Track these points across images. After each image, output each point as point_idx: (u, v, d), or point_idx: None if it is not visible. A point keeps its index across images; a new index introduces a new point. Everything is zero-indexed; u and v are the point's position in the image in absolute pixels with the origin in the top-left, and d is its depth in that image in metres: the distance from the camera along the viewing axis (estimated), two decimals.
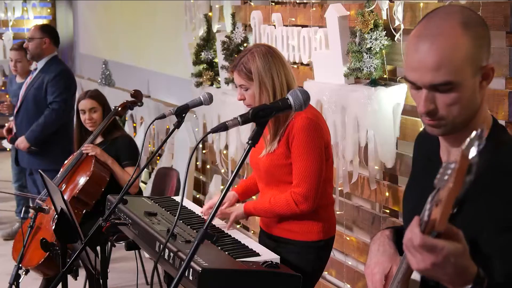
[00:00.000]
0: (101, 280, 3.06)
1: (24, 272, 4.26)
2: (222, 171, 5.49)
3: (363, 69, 3.66)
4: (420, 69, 1.58)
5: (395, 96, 3.62)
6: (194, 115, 5.89)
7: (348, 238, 4.18)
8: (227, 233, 3.14)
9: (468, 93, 1.58)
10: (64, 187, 4.52)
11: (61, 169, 4.69)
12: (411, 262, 1.38)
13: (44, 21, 10.30)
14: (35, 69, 5.82)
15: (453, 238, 1.35)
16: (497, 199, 1.54)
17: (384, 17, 3.64)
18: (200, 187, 6.21)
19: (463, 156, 1.27)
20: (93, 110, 4.65)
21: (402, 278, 1.57)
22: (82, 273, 3.65)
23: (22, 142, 5.56)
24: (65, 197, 3.57)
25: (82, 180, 4.48)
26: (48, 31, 5.86)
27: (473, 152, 1.27)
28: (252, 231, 5.19)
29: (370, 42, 3.60)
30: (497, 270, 1.50)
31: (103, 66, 7.95)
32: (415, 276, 1.56)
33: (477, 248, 1.53)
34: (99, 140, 4.69)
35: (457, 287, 1.40)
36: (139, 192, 4.94)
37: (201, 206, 3.50)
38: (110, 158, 4.57)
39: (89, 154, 4.54)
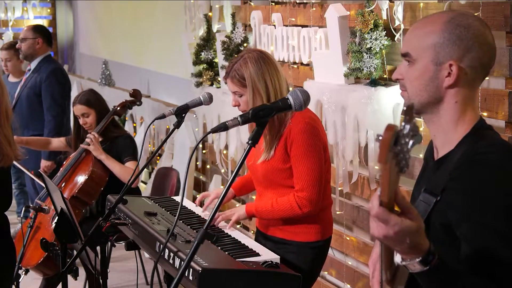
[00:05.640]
0: (101, 280, 3.06)
1: (24, 272, 4.26)
2: (222, 171, 5.49)
3: (363, 69, 3.66)
4: (403, 41, 1.89)
5: (395, 96, 3.62)
6: (194, 115, 5.89)
7: (348, 238, 4.18)
8: (227, 233, 3.14)
9: (425, 75, 1.79)
10: (63, 186, 4.52)
11: (61, 169, 4.69)
12: (370, 228, 1.50)
13: (44, 21, 10.30)
14: (29, 69, 5.82)
15: (409, 216, 1.47)
16: (460, 191, 1.68)
17: (384, 17, 3.64)
18: (200, 187, 6.21)
19: (387, 128, 1.36)
20: (85, 115, 4.63)
21: (384, 259, 1.63)
22: (82, 273, 3.65)
23: (45, 164, 5.53)
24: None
25: (81, 180, 4.48)
26: (41, 31, 5.86)
27: (401, 125, 1.36)
28: (252, 231, 5.19)
29: (370, 42, 3.60)
30: (465, 252, 1.65)
31: (103, 66, 7.95)
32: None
33: (453, 233, 1.68)
34: (99, 139, 4.68)
35: (407, 257, 1.54)
36: (138, 192, 4.94)
37: (201, 206, 3.50)
38: (104, 153, 4.54)
39: (83, 146, 4.53)
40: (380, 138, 1.36)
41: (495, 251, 1.60)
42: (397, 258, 1.59)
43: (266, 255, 2.88)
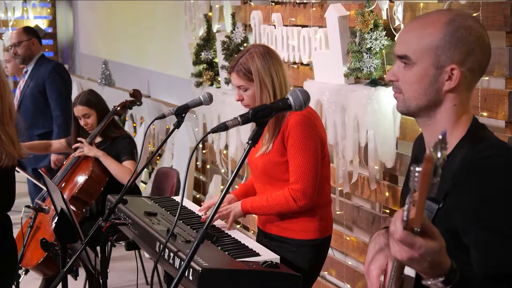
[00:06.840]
0: (101, 280, 3.06)
1: (24, 272, 4.26)
2: (222, 171, 5.49)
3: (363, 69, 3.66)
4: (397, 41, 1.82)
5: None
6: (194, 115, 5.89)
7: (348, 238, 4.18)
8: (227, 233, 3.14)
9: (425, 79, 1.74)
10: (63, 186, 4.52)
11: (61, 169, 4.69)
12: (392, 250, 1.47)
13: (44, 21, 10.30)
14: (26, 71, 5.83)
15: (430, 235, 1.44)
16: (467, 195, 1.65)
17: (384, 17, 3.64)
18: (200, 187, 6.21)
19: (427, 160, 1.33)
20: (86, 116, 4.63)
21: (395, 274, 1.63)
22: (82, 273, 3.65)
23: (56, 157, 5.58)
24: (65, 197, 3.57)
25: (81, 180, 4.47)
26: (32, 31, 5.95)
27: (437, 155, 1.34)
28: (252, 231, 5.19)
29: (370, 42, 3.60)
30: (476, 261, 1.62)
31: (103, 66, 7.95)
32: (410, 272, 1.60)
33: (458, 238, 1.66)
34: (98, 139, 4.68)
35: (429, 278, 1.50)
36: (138, 191, 4.94)
37: (201, 206, 3.50)
38: (99, 150, 4.54)
39: (77, 155, 4.53)
40: (418, 169, 1.33)
41: (505, 256, 1.59)
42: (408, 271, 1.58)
43: (266, 255, 2.88)
